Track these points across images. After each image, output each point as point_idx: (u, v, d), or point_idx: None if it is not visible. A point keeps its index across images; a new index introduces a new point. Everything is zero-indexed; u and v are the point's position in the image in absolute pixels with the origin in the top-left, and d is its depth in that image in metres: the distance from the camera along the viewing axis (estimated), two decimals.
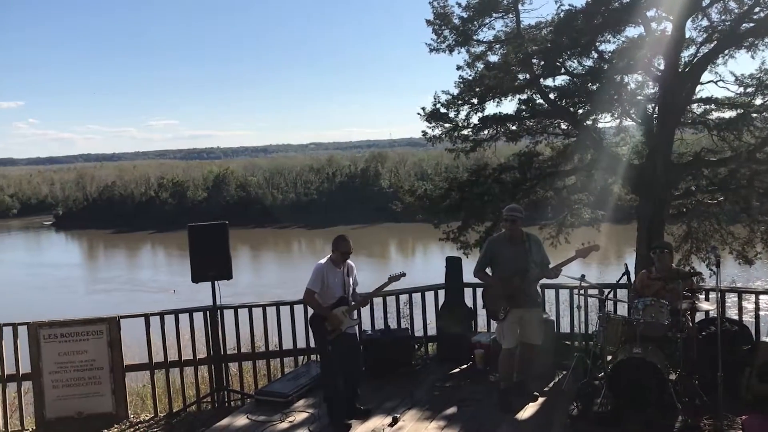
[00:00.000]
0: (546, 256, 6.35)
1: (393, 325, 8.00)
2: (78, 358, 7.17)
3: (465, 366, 7.55)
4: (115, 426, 7.16)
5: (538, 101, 14.09)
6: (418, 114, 14.31)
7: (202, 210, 79.51)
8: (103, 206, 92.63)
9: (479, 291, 7.26)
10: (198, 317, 7.53)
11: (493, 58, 14.17)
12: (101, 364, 7.21)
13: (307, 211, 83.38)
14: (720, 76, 13.07)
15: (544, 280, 6.57)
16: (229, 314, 7.64)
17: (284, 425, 6.18)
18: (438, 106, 14.13)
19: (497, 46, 13.97)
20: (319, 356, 6.80)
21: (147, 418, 7.48)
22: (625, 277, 6.83)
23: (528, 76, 13.73)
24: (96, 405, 7.20)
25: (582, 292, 6.84)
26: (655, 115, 13.28)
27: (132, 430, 7.12)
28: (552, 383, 6.84)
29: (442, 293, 8.06)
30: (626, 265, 7.17)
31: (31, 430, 7.31)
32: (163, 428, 7.14)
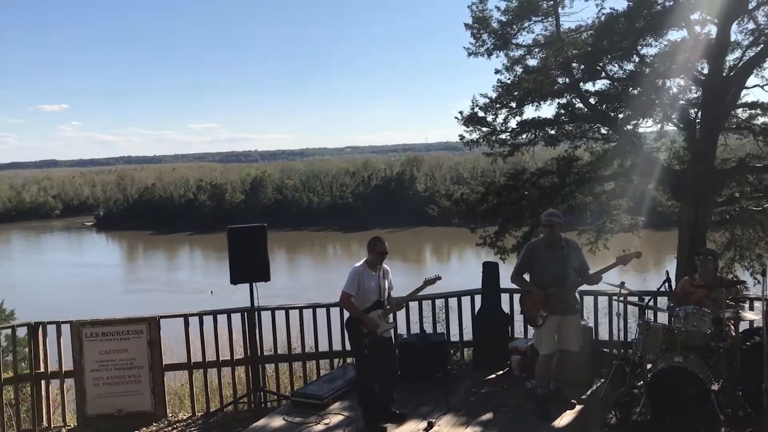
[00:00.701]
0: (585, 262, 6.27)
1: (428, 329, 7.97)
2: (118, 356, 7.29)
3: (501, 372, 7.49)
4: (154, 424, 7.27)
5: (577, 105, 13.97)
6: (456, 118, 14.32)
7: (239, 212, 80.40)
8: (143, 208, 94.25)
9: (516, 296, 7.19)
10: (236, 318, 7.61)
11: (532, 62, 14.13)
12: (141, 363, 7.32)
13: (342, 215, 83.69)
14: (767, 80, 12.78)
15: (582, 287, 6.49)
16: (266, 316, 7.72)
17: (320, 427, 6.19)
18: (476, 109, 14.11)
19: (536, 49, 13.90)
20: (354, 359, 6.81)
21: (185, 417, 7.58)
22: (666, 284, 6.70)
23: (567, 80, 13.62)
24: (135, 403, 7.32)
25: (621, 299, 6.73)
26: (697, 120, 13.05)
27: (170, 428, 7.21)
28: (590, 391, 6.74)
29: (478, 298, 8.01)
30: (667, 272, 7.03)
31: (72, 426, 7.46)
32: (201, 428, 7.22)
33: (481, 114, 14.10)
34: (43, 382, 7.47)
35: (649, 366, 6.13)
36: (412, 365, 7.29)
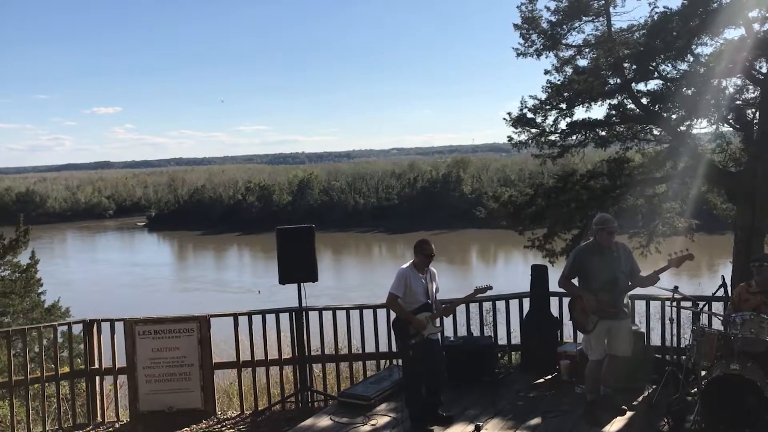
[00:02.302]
0: (636, 266, 6.14)
1: (476, 332, 7.92)
2: (170, 354, 7.43)
3: (550, 377, 7.39)
4: (203, 421, 7.38)
5: (629, 106, 13.71)
6: (504, 119, 14.20)
7: (286, 213, 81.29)
8: (193, 208, 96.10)
9: (565, 300, 7.09)
10: (284, 318, 7.69)
11: (583, 63, 13.94)
12: (191, 361, 7.45)
13: (388, 216, 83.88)
14: None
15: (634, 290, 6.35)
16: (313, 316, 7.78)
17: (366, 428, 6.21)
18: (525, 111, 13.98)
19: (587, 50, 13.70)
20: (401, 361, 6.81)
21: (233, 415, 7.69)
22: (722, 289, 6.51)
23: (619, 80, 13.38)
24: (186, 400, 7.45)
25: (674, 303, 6.57)
26: (755, 121, 12.65)
27: (219, 426, 7.32)
28: (641, 397, 6.60)
29: (526, 302, 7.92)
30: (723, 277, 6.84)
31: (125, 421, 7.63)
32: (249, 426, 7.31)
33: (530, 115, 13.96)
34: (97, 378, 7.67)
35: (703, 373, 5.97)
36: (459, 368, 7.26)
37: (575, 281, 6.19)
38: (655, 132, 14.01)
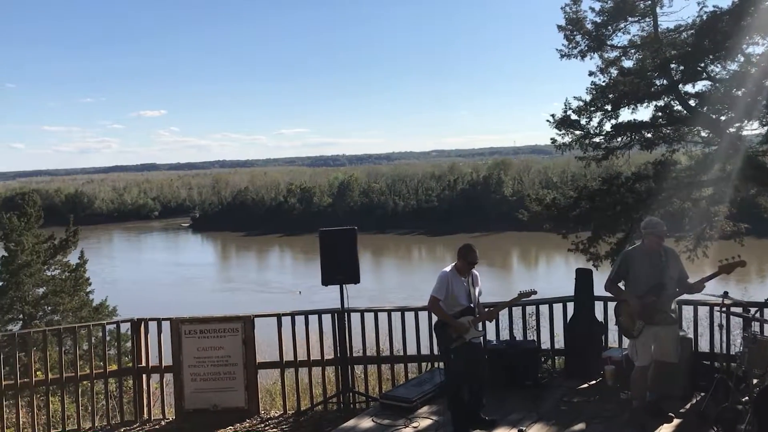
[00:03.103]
0: (684, 272, 6.02)
1: (519, 336, 7.85)
2: (215, 353, 7.55)
3: (594, 382, 7.28)
4: (247, 420, 7.47)
5: (676, 108, 13.42)
6: (548, 121, 14.03)
7: (327, 215, 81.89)
8: (236, 210, 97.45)
9: (611, 305, 6.99)
10: (326, 319, 7.74)
11: (628, 64, 13.70)
12: (236, 361, 7.55)
13: (427, 218, 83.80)
14: None
15: (682, 296, 6.22)
16: (355, 317, 7.81)
17: (408, 430, 6.21)
18: (569, 112, 13.79)
19: (632, 50, 13.47)
20: (443, 364, 6.80)
21: (276, 415, 7.76)
22: None
23: (666, 81, 13.11)
24: (229, 399, 7.55)
25: (724, 309, 6.41)
26: None
27: (262, 425, 7.40)
28: (689, 405, 6.46)
29: (570, 306, 7.82)
30: None
31: (171, 419, 7.77)
32: (291, 426, 7.38)
33: (574, 117, 13.75)
34: (144, 376, 7.83)
35: (755, 381, 5.82)
36: (502, 372, 7.20)
37: (621, 285, 6.10)
38: (703, 134, 13.69)
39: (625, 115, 13.65)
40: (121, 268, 63.74)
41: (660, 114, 13.48)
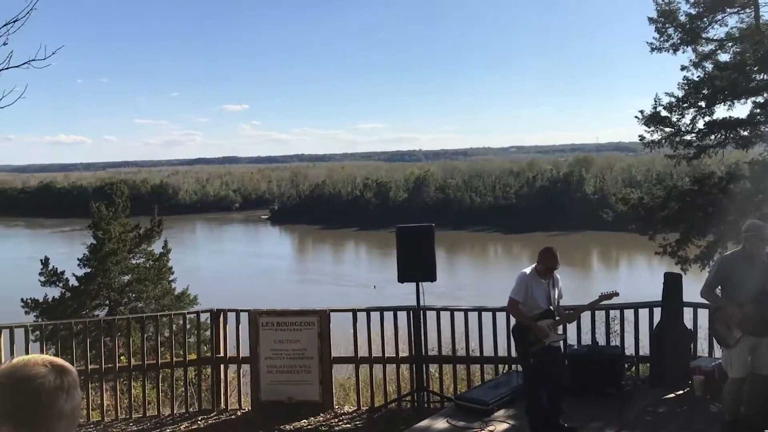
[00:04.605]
0: None
1: (601, 341, 7.54)
2: (291, 346, 7.57)
3: (681, 392, 6.91)
4: (321, 414, 7.47)
5: None
6: (636, 117, 13.53)
7: (402, 210, 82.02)
8: (314, 203, 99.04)
9: (701, 311, 6.62)
10: (401, 316, 7.65)
11: (724, 57, 13.05)
12: (311, 354, 7.55)
13: (504, 216, 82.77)
14: None
15: None
16: (430, 315, 7.68)
17: None
18: (659, 109, 13.23)
19: (730, 44, 12.79)
20: (521, 367, 6.60)
21: (350, 410, 7.74)
22: None
23: (766, 76, 12.37)
24: (304, 392, 7.56)
25: None
26: None
27: (336, 420, 7.38)
28: None
29: (657, 311, 7.45)
30: None
31: (247, 409, 7.86)
32: (365, 422, 7.33)
33: (664, 113, 13.19)
34: (221, 365, 7.95)
35: None
36: (582, 378, 6.93)
37: (718, 291, 5.73)
38: None
39: (720, 111, 12.92)
40: (202, 257, 65.81)
41: (759, 111, 12.76)
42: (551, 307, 5.91)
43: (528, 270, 5.94)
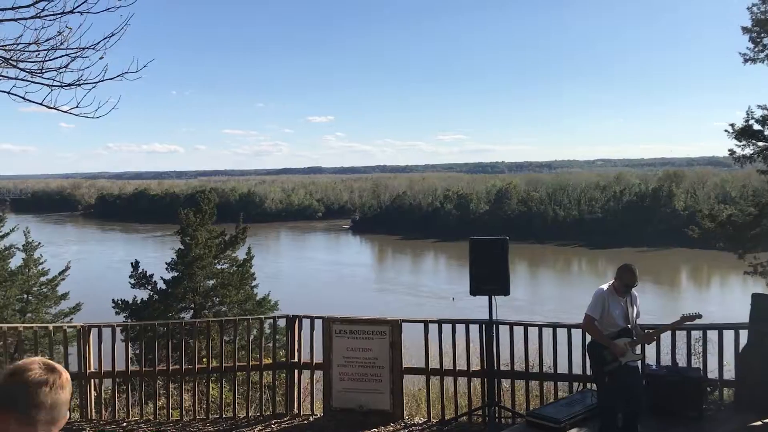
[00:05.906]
0: None
1: (681, 362, 7.25)
2: (363, 355, 7.64)
3: None
4: (391, 424, 7.48)
5: None
6: (726, 131, 12.92)
7: (482, 222, 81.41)
8: (394, 214, 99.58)
9: None
10: (473, 329, 7.58)
11: None
12: (382, 363, 7.60)
13: (589, 230, 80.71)
14: None
15: None
16: (504, 330, 7.59)
17: None
18: (751, 122, 12.62)
19: None
20: (595, 386, 6.42)
21: (420, 422, 7.71)
22: None
23: None
24: (375, 401, 7.61)
25: None
26: None
27: (406, 431, 7.38)
28: None
29: (744, 333, 7.10)
30: None
31: (318, 415, 7.98)
32: None
33: (757, 127, 12.57)
34: (296, 371, 8.10)
35: None
36: (661, 399, 6.68)
37: None
38: None
39: None
40: (285, 264, 67.26)
41: None
42: (629, 326, 5.76)
43: (605, 287, 5.81)
